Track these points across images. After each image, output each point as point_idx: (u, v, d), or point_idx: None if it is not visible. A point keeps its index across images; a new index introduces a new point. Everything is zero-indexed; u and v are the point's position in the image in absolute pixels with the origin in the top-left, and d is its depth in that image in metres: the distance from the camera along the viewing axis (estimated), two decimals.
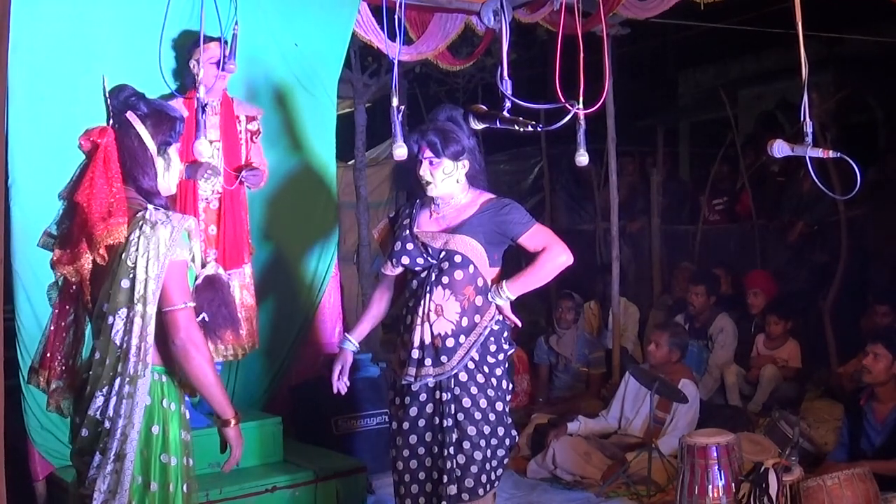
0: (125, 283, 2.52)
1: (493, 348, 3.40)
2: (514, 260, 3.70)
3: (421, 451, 3.41)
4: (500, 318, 3.41)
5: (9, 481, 2.39)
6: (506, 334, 3.46)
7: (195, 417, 4.23)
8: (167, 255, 2.53)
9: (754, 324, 6.91)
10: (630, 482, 4.97)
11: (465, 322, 3.34)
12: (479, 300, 3.37)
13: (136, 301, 2.50)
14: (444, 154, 3.31)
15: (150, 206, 2.58)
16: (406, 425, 3.43)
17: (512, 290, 3.38)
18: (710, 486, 4.13)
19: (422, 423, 3.41)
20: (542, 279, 3.44)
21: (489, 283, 3.40)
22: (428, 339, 3.35)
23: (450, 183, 3.36)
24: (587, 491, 5.01)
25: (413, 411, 3.41)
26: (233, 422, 2.71)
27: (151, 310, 2.52)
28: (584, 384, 6.69)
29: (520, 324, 3.51)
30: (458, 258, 3.35)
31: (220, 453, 2.78)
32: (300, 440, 4.94)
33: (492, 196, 3.44)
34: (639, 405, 5.51)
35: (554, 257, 3.37)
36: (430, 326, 3.35)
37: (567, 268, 3.43)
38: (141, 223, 2.53)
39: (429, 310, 3.36)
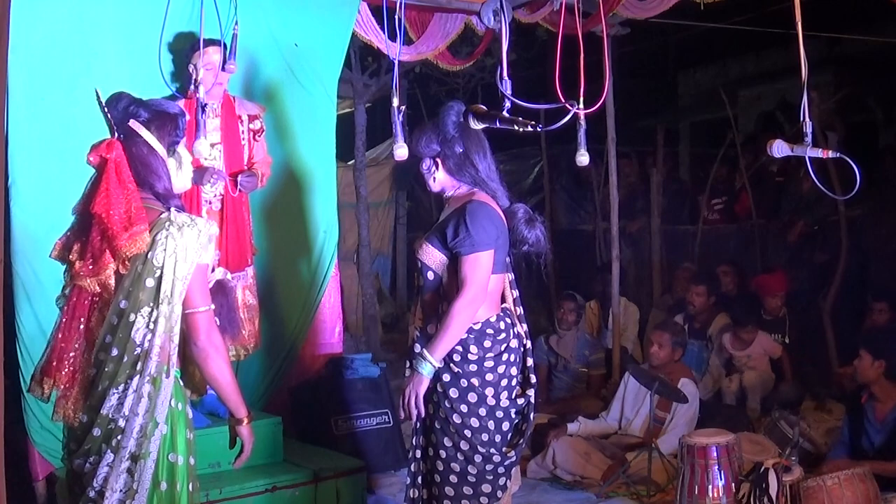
0: (150, 283, 2.53)
1: (457, 358, 3.18)
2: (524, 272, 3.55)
3: (418, 453, 3.37)
4: (475, 324, 3.18)
5: (9, 481, 2.39)
6: (487, 342, 3.19)
7: (195, 417, 4.22)
8: (194, 257, 2.55)
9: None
10: (630, 482, 4.97)
11: (429, 328, 3.25)
12: (443, 306, 3.22)
13: (161, 301, 2.51)
14: (416, 154, 3.30)
15: (172, 209, 2.59)
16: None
17: (436, 354, 3.12)
18: (710, 486, 4.12)
19: (418, 425, 3.39)
20: (458, 331, 3.13)
21: (455, 290, 3.17)
22: (409, 343, 3.35)
23: (433, 180, 3.33)
24: (587, 491, 5.01)
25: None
26: (246, 420, 2.77)
27: (178, 310, 2.54)
28: (584, 385, 6.69)
29: (406, 416, 3.23)
30: (419, 263, 3.30)
31: (230, 449, 2.83)
32: (300, 440, 4.94)
33: (473, 197, 3.25)
34: (639, 405, 5.51)
35: (463, 305, 3.10)
36: (412, 331, 3.35)
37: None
38: (167, 224, 2.54)
39: (412, 313, 3.37)
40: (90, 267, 2.58)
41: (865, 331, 6.02)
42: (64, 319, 2.69)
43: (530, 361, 3.36)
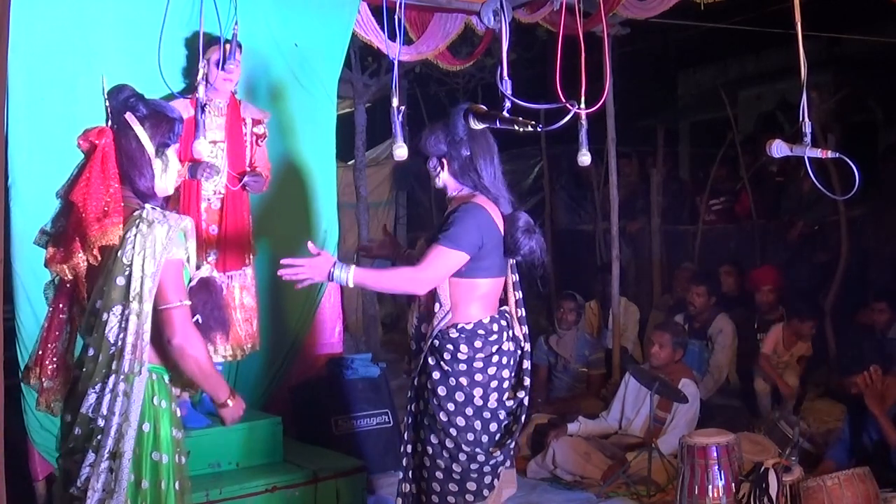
0: (120, 281, 2.53)
1: (447, 356, 3.22)
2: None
3: (408, 448, 3.39)
4: (466, 324, 3.23)
5: (9, 481, 2.39)
6: (477, 343, 3.23)
7: (195, 417, 4.23)
8: (163, 253, 2.54)
9: (757, 322, 6.86)
10: (630, 482, 4.97)
11: (423, 328, 3.30)
12: (436, 307, 3.26)
13: (131, 299, 2.51)
14: (424, 152, 3.33)
15: (147, 206, 2.59)
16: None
17: (356, 276, 3.14)
18: (710, 486, 4.13)
19: (409, 419, 3.40)
20: (386, 286, 3.43)
21: (448, 291, 3.23)
22: (409, 342, 3.40)
23: (438, 179, 3.36)
24: (587, 491, 5.01)
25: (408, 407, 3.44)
26: (230, 402, 2.78)
27: (148, 308, 2.53)
28: (584, 385, 6.69)
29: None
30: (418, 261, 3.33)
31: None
32: (300, 440, 4.94)
33: (470, 199, 3.28)
34: (639, 405, 5.51)
35: (410, 275, 3.20)
36: (412, 330, 3.39)
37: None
38: (138, 221, 2.54)
39: (411, 312, 3.41)
40: (62, 253, 2.59)
41: (842, 357, 6.07)
42: (49, 309, 2.74)
43: (526, 364, 3.37)
